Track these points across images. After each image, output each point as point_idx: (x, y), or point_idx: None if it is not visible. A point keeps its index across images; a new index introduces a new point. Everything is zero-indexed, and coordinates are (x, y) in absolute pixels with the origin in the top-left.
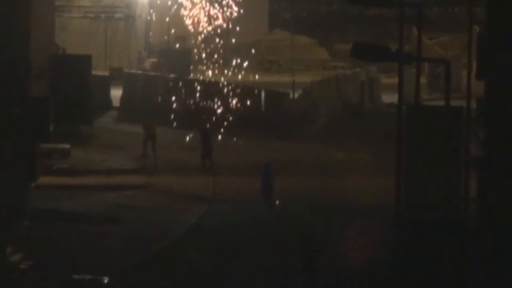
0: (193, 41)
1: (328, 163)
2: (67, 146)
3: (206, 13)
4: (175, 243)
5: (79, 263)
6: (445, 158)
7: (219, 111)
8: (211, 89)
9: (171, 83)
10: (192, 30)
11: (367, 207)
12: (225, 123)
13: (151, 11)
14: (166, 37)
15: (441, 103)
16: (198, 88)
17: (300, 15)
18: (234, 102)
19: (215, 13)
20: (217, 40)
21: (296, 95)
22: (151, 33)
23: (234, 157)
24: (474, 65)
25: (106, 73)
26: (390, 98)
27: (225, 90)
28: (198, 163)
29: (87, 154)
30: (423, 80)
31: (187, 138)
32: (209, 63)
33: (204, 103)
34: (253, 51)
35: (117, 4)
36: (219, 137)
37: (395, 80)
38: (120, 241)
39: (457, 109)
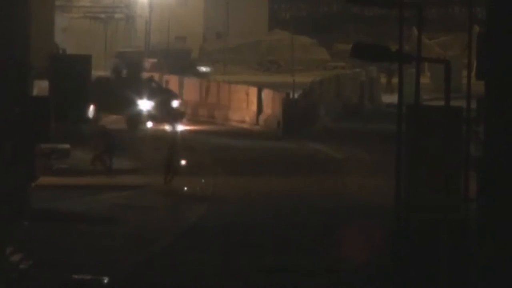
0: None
1: (328, 163)
2: (67, 146)
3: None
4: (175, 243)
5: (79, 263)
6: (445, 158)
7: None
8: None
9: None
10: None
11: (367, 207)
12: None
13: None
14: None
15: (441, 103)
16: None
17: (300, 15)
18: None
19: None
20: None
21: (296, 95)
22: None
23: (233, 157)
24: (474, 65)
25: (106, 73)
26: (390, 98)
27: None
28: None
29: (87, 154)
30: (426, 80)
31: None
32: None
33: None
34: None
35: (117, 4)
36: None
37: (395, 80)
38: (120, 241)
39: (457, 109)
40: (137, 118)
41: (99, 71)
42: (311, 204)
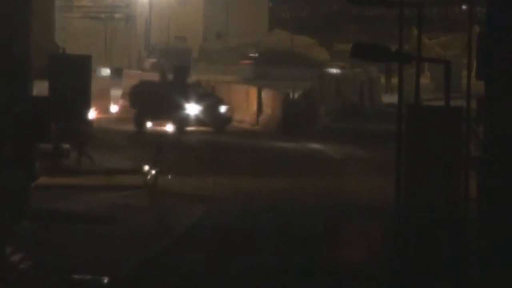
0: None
1: (328, 163)
2: (67, 146)
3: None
4: (174, 243)
5: (79, 263)
6: (445, 158)
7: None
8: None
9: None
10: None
11: (367, 207)
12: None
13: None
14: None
15: (441, 103)
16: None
17: (300, 15)
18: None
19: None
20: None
21: (296, 95)
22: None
23: (233, 157)
24: (474, 65)
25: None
26: (389, 98)
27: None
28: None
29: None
30: (426, 80)
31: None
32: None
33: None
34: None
35: (117, 4)
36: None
37: (394, 80)
38: (120, 241)
39: (457, 109)
40: (184, 123)
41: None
42: (311, 204)
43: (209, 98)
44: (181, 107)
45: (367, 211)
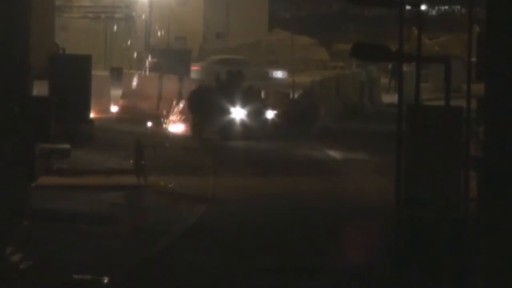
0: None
1: (328, 163)
2: (67, 146)
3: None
4: (175, 243)
5: (79, 263)
6: (445, 158)
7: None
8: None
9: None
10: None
11: (367, 207)
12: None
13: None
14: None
15: (441, 103)
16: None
17: (300, 15)
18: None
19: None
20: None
21: (296, 95)
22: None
23: (232, 157)
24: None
25: (106, 73)
26: (390, 98)
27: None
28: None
29: (87, 154)
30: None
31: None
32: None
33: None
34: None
35: (117, 4)
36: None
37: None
38: (120, 241)
39: (457, 109)
40: (230, 128)
41: (99, 71)
42: (311, 204)
43: (257, 104)
44: (230, 113)
45: (367, 211)
